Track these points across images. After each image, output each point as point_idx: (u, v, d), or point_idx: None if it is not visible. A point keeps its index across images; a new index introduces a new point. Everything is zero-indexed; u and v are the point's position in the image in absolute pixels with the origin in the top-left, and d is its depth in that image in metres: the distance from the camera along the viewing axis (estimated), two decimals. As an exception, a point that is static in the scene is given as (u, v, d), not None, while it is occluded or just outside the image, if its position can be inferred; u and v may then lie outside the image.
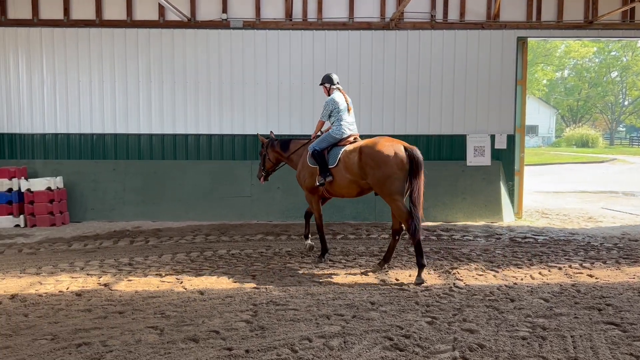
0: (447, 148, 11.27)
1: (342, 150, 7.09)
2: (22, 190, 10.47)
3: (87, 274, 6.92)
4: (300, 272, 7.05)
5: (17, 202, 10.45)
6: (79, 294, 6.10)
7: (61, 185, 10.81)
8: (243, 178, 10.96)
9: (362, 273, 7.01)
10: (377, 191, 6.76)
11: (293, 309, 5.51)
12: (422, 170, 6.55)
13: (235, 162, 11.09)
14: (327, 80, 7.48)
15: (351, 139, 7.25)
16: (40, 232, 9.95)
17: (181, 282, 6.55)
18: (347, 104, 7.34)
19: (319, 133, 7.55)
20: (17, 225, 10.42)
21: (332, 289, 6.24)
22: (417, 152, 6.60)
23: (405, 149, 6.65)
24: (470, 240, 9.12)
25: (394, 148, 6.66)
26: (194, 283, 6.53)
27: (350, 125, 7.28)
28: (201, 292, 6.14)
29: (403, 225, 6.69)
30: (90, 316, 5.34)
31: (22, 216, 10.46)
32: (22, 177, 10.61)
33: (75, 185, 11.08)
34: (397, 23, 11.11)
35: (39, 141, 11.20)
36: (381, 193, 6.70)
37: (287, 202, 11.03)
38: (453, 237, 9.37)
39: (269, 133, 8.69)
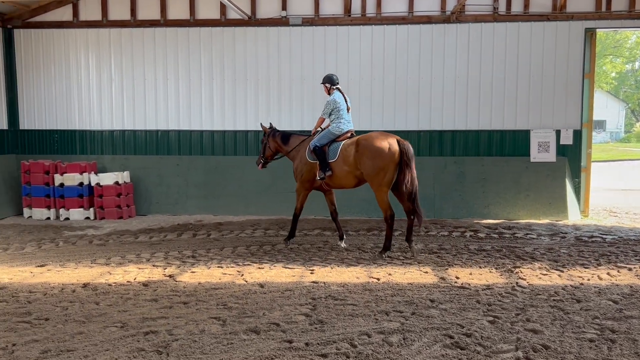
0: (509, 143, 10.98)
1: (341, 144, 7.63)
2: (92, 184, 10.97)
3: (153, 265, 7.19)
4: (358, 267, 7.06)
5: (87, 195, 10.97)
6: (145, 284, 6.34)
7: (128, 180, 11.25)
8: (301, 173, 11.02)
9: (421, 270, 6.95)
10: (368, 180, 7.38)
11: (351, 304, 5.53)
12: (413, 162, 7.27)
13: (294, 158, 11.19)
14: (328, 81, 7.96)
15: (349, 134, 7.82)
16: (108, 224, 10.40)
17: (242, 275, 6.70)
18: (347, 103, 7.89)
19: (319, 129, 8.03)
20: (88, 218, 10.93)
21: (391, 286, 6.22)
22: (409, 146, 7.30)
23: (398, 142, 7.31)
24: (533, 238, 8.86)
25: (388, 142, 7.31)
26: (254, 276, 6.66)
27: (348, 123, 7.83)
28: (261, 285, 6.26)
29: (383, 212, 7.39)
30: (156, 306, 5.55)
31: (92, 209, 10.97)
32: (92, 172, 11.13)
33: (141, 180, 11.51)
34: (458, 16, 10.91)
35: (108, 137, 11.70)
36: (371, 182, 7.37)
37: (344, 199, 11.02)
38: (515, 235, 9.13)
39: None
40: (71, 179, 10.88)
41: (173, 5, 11.40)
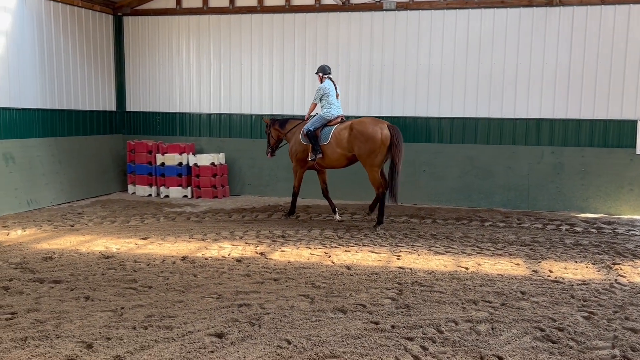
0: (613, 134, 10.36)
1: (333, 129, 8.47)
2: (190, 164, 11.55)
3: (246, 243, 7.51)
4: (446, 256, 7.01)
5: (185, 175, 11.57)
6: (239, 260, 6.67)
7: (223, 161, 11.77)
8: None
9: (512, 262, 6.79)
10: (362, 161, 8.26)
11: (438, 292, 5.53)
12: (401, 145, 8.07)
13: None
14: (321, 71, 8.84)
15: (339, 119, 8.65)
16: (204, 203, 10.92)
17: (329, 257, 6.85)
18: (336, 90, 8.76)
19: (314, 113, 8.94)
20: (185, 196, 11.55)
21: (480, 276, 6.14)
22: (397, 131, 8.14)
23: (388, 127, 8.15)
24: (636, 235, 8.38)
25: (380, 127, 8.15)
26: (340, 258, 6.80)
27: (338, 108, 8.69)
28: (348, 267, 6.39)
29: (375, 190, 8.39)
30: (249, 280, 5.84)
31: (189, 188, 11.59)
32: (191, 153, 11.69)
33: (234, 162, 12.02)
34: (561, -1, 10.36)
35: (205, 120, 12.27)
36: (364, 163, 8.25)
37: (433, 186, 10.94)
38: (616, 230, 8.66)
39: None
40: (171, 159, 11.52)
41: (269, -8, 11.67)
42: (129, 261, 6.52)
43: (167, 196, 11.53)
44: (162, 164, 11.58)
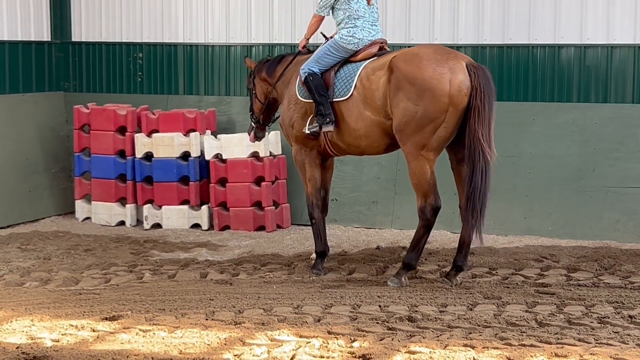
0: None
1: (360, 68, 5.37)
2: (207, 156, 7.44)
3: (329, 332, 4.50)
4: None
5: (196, 180, 7.59)
6: None
7: (278, 151, 7.70)
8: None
9: None
10: (399, 137, 5.08)
11: None
12: (491, 110, 4.86)
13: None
14: None
15: (374, 48, 5.44)
16: (236, 240, 7.50)
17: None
18: None
19: (325, 39, 5.68)
20: (197, 226, 7.67)
21: None
22: (487, 77, 4.92)
23: (468, 69, 4.95)
24: None
25: (450, 66, 4.99)
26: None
27: (371, 27, 5.51)
28: None
29: (418, 200, 5.09)
30: None
31: (204, 208, 7.66)
32: (208, 131, 7.79)
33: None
34: None
35: (240, 59, 7.88)
36: (404, 141, 5.03)
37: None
38: None
39: None
40: (167, 145, 7.30)
41: None
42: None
43: (157, 225, 7.55)
44: (148, 156, 7.44)
